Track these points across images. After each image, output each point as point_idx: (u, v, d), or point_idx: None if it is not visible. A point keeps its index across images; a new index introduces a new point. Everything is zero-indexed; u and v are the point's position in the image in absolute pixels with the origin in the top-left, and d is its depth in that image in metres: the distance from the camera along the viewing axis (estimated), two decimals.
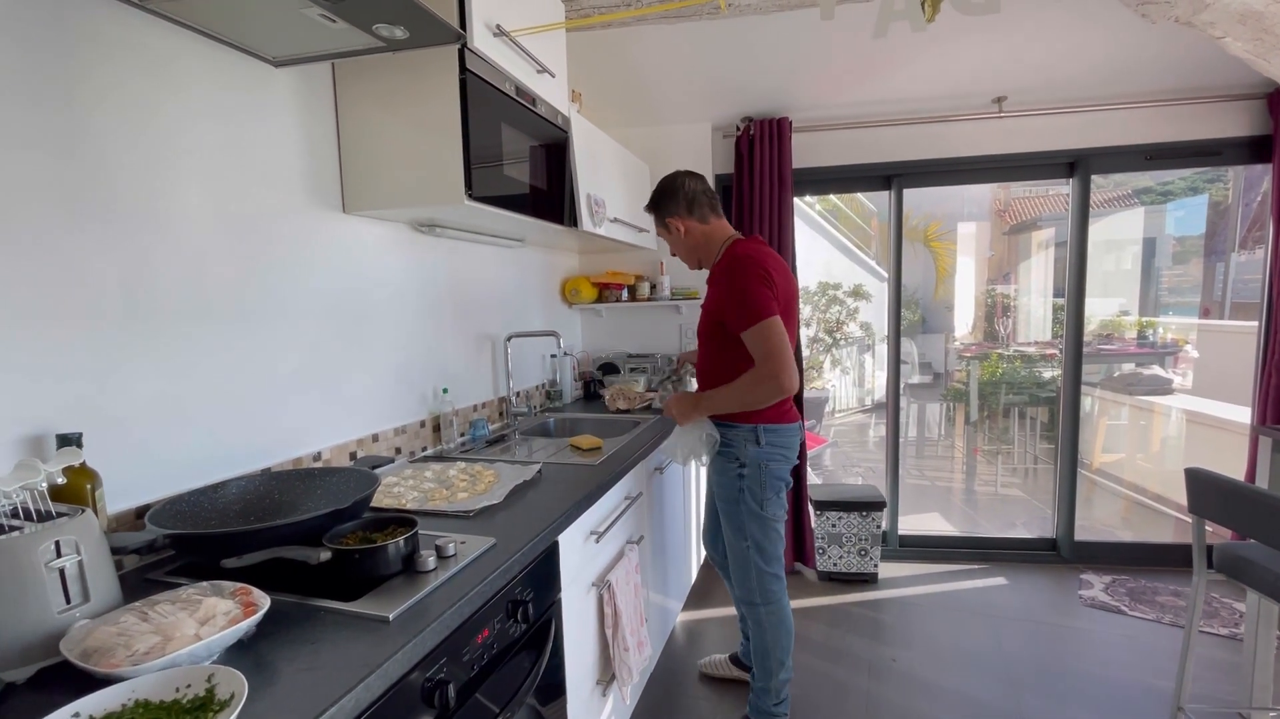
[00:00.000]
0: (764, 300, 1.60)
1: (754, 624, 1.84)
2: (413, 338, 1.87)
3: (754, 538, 1.77)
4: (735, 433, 1.75)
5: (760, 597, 1.80)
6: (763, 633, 1.82)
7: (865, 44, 2.37)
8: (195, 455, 1.23)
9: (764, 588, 1.80)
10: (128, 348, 1.11)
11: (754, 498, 1.74)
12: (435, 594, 0.97)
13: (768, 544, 1.77)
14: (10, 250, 0.95)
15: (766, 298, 1.60)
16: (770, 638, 1.81)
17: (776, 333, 1.58)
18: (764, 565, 1.79)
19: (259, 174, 1.37)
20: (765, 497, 1.74)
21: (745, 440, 1.74)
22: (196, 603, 0.83)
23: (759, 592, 1.80)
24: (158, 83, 1.16)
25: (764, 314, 1.59)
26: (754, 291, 1.61)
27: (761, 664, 1.85)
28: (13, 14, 0.95)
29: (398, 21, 1.19)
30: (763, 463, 1.73)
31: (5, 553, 0.75)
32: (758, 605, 1.81)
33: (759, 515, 1.75)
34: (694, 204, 1.80)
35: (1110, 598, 2.67)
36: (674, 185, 1.81)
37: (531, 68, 1.76)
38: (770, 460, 1.73)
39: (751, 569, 1.79)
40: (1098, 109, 2.67)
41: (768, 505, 1.74)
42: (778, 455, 1.74)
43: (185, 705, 0.68)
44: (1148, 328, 4.43)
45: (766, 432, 1.73)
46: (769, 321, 1.58)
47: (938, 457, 4.86)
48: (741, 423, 1.74)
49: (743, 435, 1.74)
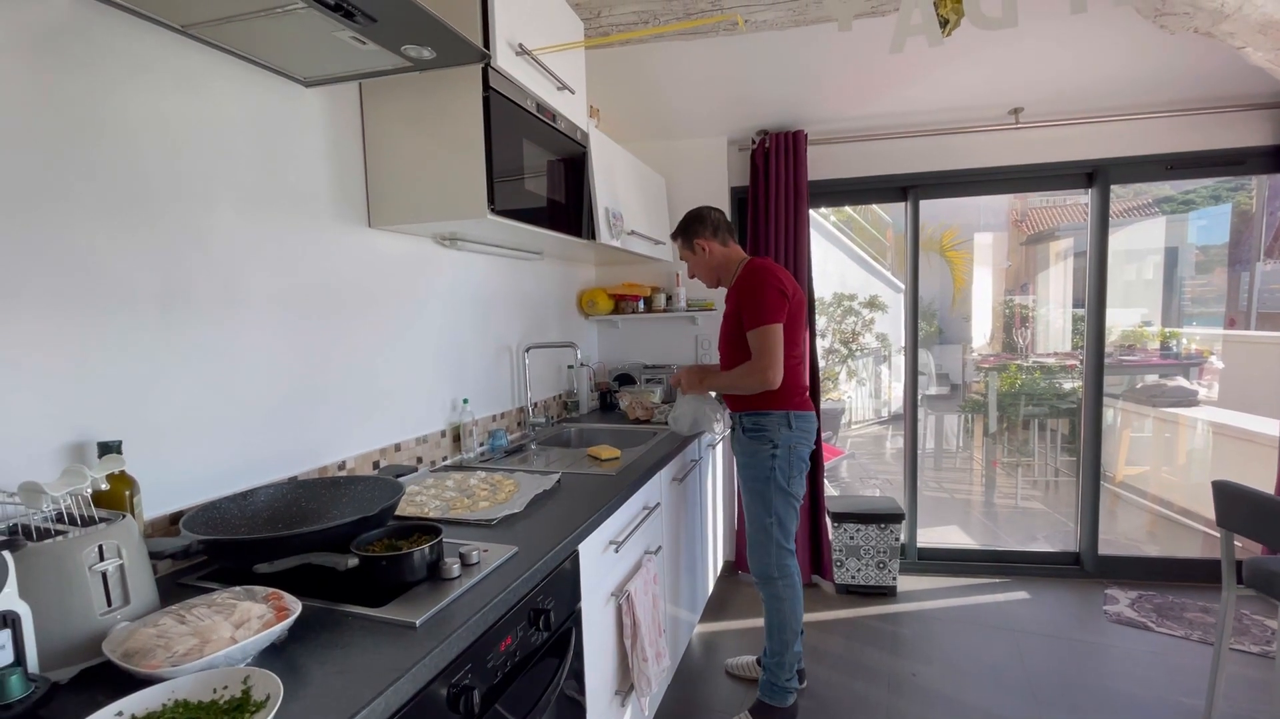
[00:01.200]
0: (774, 308, 1.87)
1: (770, 599, 2.00)
2: (435, 349, 1.91)
3: (779, 513, 1.96)
4: (769, 419, 1.95)
5: (778, 570, 1.97)
6: (780, 605, 1.98)
7: (881, 57, 2.39)
8: (225, 464, 1.27)
9: (781, 562, 1.97)
10: (163, 359, 1.15)
11: (784, 475, 1.94)
12: (460, 601, 0.99)
13: (788, 520, 1.97)
14: (59, 264, 0.99)
15: (777, 306, 1.87)
16: (788, 610, 1.98)
17: (776, 337, 1.86)
18: (783, 541, 1.97)
19: (288, 190, 1.41)
20: (792, 475, 1.96)
21: (779, 424, 1.94)
22: (231, 607, 0.85)
23: (776, 566, 1.97)
24: (197, 101, 1.20)
25: (770, 319, 1.86)
26: (768, 299, 1.87)
27: (777, 637, 1.99)
28: (63, 40, 1.00)
29: (426, 43, 1.22)
30: (792, 445, 1.95)
31: (52, 556, 0.78)
32: (775, 580, 1.98)
33: (786, 492, 1.95)
34: (717, 229, 2.05)
35: (1136, 613, 2.62)
36: (702, 214, 2.06)
37: (552, 85, 1.80)
38: (798, 443, 1.96)
39: (772, 544, 1.97)
40: (1117, 119, 2.66)
41: (794, 483, 1.96)
42: (803, 439, 1.97)
43: (223, 706, 0.70)
44: (1171, 338, 4.36)
45: (796, 418, 1.95)
46: (773, 327, 1.86)
47: (956, 469, 4.80)
48: (775, 409, 1.95)
49: (776, 420, 1.95)
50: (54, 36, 0.99)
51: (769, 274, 1.90)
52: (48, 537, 0.81)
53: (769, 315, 1.85)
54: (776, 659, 1.99)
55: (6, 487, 0.89)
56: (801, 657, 2.16)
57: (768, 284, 1.87)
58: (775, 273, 1.91)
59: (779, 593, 1.98)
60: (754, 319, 1.87)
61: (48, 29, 0.98)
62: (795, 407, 1.96)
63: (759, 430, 1.96)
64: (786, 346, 1.90)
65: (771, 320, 1.85)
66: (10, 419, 0.93)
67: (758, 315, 1.86)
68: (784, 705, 1.98)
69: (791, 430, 1.94)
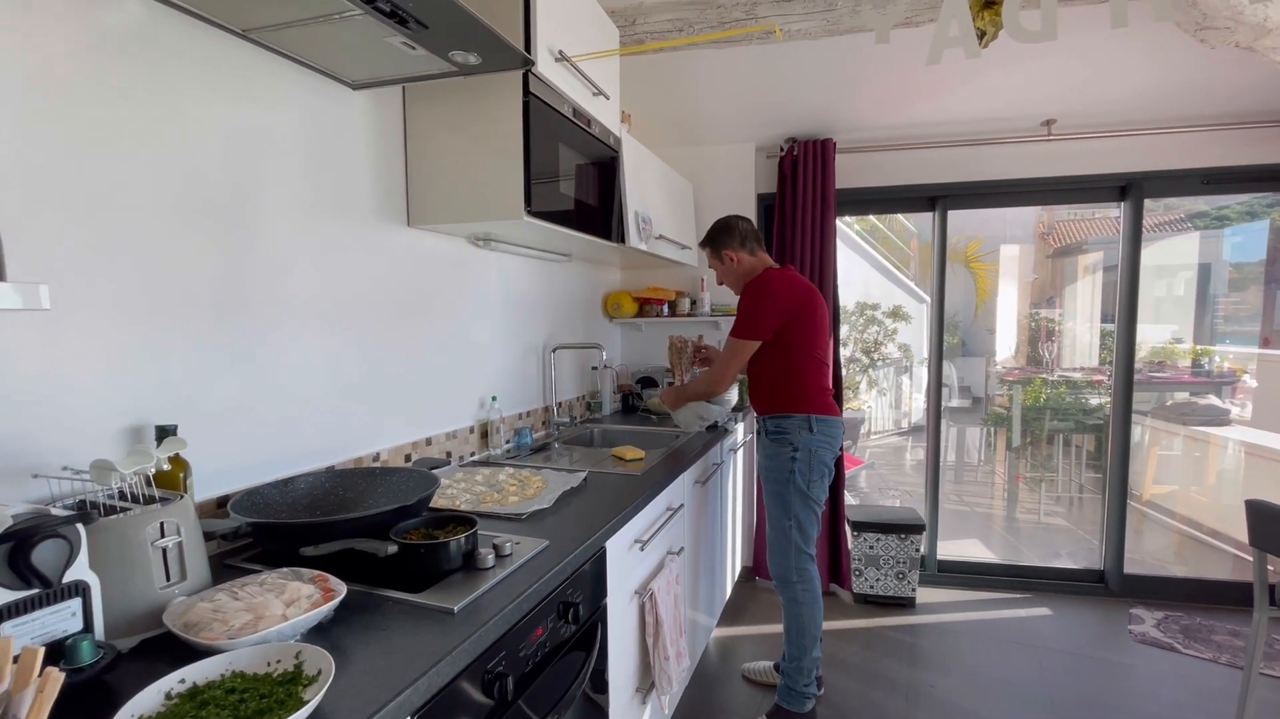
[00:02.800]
0: (759, 325, 1.93)
1: (789, 602, 2.01)
2: (467, 347, 1.95)
3: (798, 516, 1.96)
4: (790, 421, 1.97)
5: (797, 574, 1.98)
6: (799, 609, 1.99)
7: (914, 67, 2.39)
8: (267, 452, 1.31)
9: (800, 565, 1.98)
10: (216, 349, 1.20)
11: (803, 478, 1.95)
12: (494, 590, 1.02)
13: (807, 524, 1.97)
14: (124, 258, 1.04)
15: (759, 324, 1.93)
16: (806, 613, 1.98)
17: (740, 355, 1.97)
18: (803, 544, 1.98)
19: (334, 189, 1.46)
20: (812, 479, 1.95)
21: (799, 428, 1.95)
22: (281, 586, 0.89)
23: (795, 569, 1.98)
24: (252, 103, 1.25)
25: (745, 334, 1.94)
26: (756, 314, 1.93)
27: (796, 642, 2.00)
28: (136, 44, 1.05)
29: (472, 48, 1.26)
30: (813, 448, 1.95)
31: (118, 531, 0.83)
32: (794, 583, 1.99)
33: (806, 495, 1.95)
34: (745, 239, 2.09)
35: (1163, 634, 2.57)
36: (730, 224, 2.10)
37: (588, 90, 1.84)
38: (820, 447, 1.96)
39: (791, 547, 1.98)
40: (1152, 132, 2.63)
41: (814, 487, 1.96)
42: (825, 443, 1.97)
43: (276, 679, 0.73)
44: (1203, 356, 4.27)
45: (818, 421, 1.96)
46: (745, 343, 1.95)
47: (977, 482, 4.75)
48: (795, 413, 1.96)
49: (797, 423, 1.96)
50: (129, 40, 1.04)
51: (765, 289, 1.93)
52: (113, 513, 0.85)
53: (747, 329, 1.93)
54: (795, 664, 1.99)
55: (73, 464, 0.94)
56: (820, 663, 2.16)
57: (764, 300, 1.92)
58: (773, 286, 1.93)
59: (797, 596, 1.99)
60: (734, 327, 1.97)
61: (123, 33, 1.03)
62: (818, 410, 1.97)
63: (780, 433, 1.99)
64: (805, 352, 1.96)
65: (746, 335, 1.93)
66: (76, 402, 0.98)
67: (737, 325, 1.96)
68: (801, 711, 1.98)
69: (813, 434, 1.95)
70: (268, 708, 0.67)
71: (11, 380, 0.90)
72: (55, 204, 0.95)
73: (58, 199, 0.95)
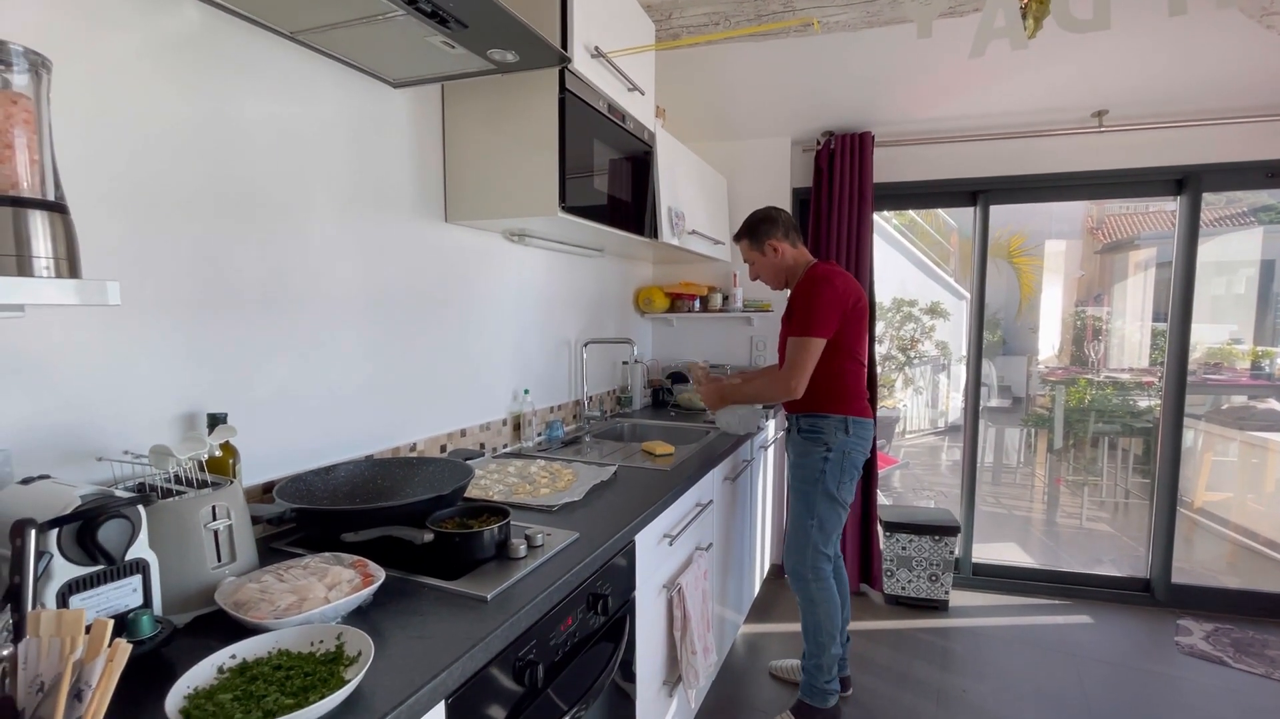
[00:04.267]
0: (823, 321, 1.84)
1: (805, 601, 2.00)
2: (500, 340, 1.98)
3: (821, 515, 1.95)
4: (826, 422, 1.94)
5: (812, 573, 1.97)
6: (814, 608, 1.98)
7: (956, 59, 2.33)
8: (310, 440, 1.36)
9: (816, 565, 1.96)
10: (262, 340, 1.25)
11: (833, 480, 1.93)
12: (526, 580, 1.04)
13: (830, 524, 1.96)
14: (177, 253, 1.09)
15: (826, 320, 1.85)
16: (822, 612, 1.97)
17: (812, 352, 1.85)
18: (822, 545, 1.96)
19: (375, 186, 1.50)
20: (842, 480, 1.94)
21: (835, 429, 1.93)
22: (324, 570, 0.92)
23: (811, 568, 1.96)
24: (299, 103, 1.30)
25: (814, 332, 1.84)
26: (819, 311, 1.84)
27: (814, 640, 1.99)
28: (192, 47, 1.10)
29: (510, 46, 1.28)
30: (847, 450, 1.93)
31: (174, 512, 0.87)
32: (809, 582, 1.97)
33: (833, 496, 1.94)
34: (788, 231, 2.02)
35: (1211, 647, 2.47)
36: (771, 214, 2.03)
37: (623, 86, 1.84)
38: (853, 449, 1.94)
39: (809, 546, 1.96)
40: (1211, 123, 2.51)
41: (842, 489, 1.94)
42: (859, 445, 1.95)
43: (319, 658, 0.76)
44: (1263, 358, 4.06)
45: (854, 423, 1.94)
46: (814, 340, 1.84)
47: (1016, 484, 4.62)
48: (833, 413, 1.93)
49: (833, 424, 1.93)
50: (185, 44, 1.09)
51: (829, 284, 1.86)
52: (169, 495, 0.90)
53: (815, 328, 1.84)
54: (814, 662, 1.99)
55: (133, 448, 1.00)
56: (846, 663, 2.15)
57: (824, 295, 1.85)
58: (836, 283, 1.87)
59: (812, 595, 1.97)
60: (800, 327, 1.86)
61: (180, 37, 1.08)
62: (854, 412, 1.94)
63: (815, 432, 1.96)
64: (846, 353, 1.91)
65: (815, 333, 1.84)
66: (136, 391, 1.04)
67: (804, 324, 1.85)
68: (824, 707, 1.98)
69: (848, 435, 1.93)
70: (311, 685, 0.70)
71: (79, 371, 0.96)
72: (115, 201, 1.00)
73: (117, 197, 1.00)
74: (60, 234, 0.69)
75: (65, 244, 0.70)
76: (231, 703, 0.66)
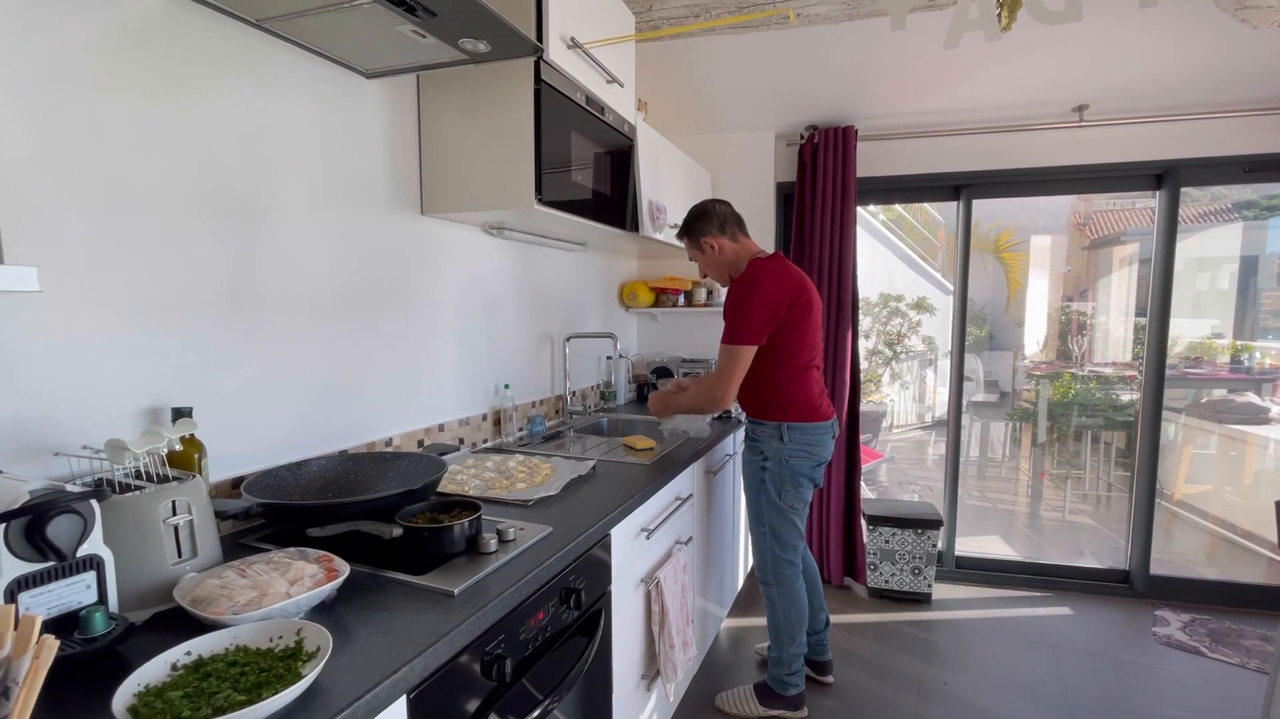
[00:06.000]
0: (751, 327, 1.76)
1: (768, 602, 2.02)
2: (480, 335, 1.97)
3: (771, 525, 1.92)
4: (762, 429, 1.91)
5: (774, 578, 1.97)
6: (774, 610, 2.01)
7: (936, 52, 2.33)
8: (282, 435, 1.35)
9: (778, 571, 1.96)
10: (231, 335, 1.23)
11: (774, 488, 1.89)
12: (496, 574, 1.03)
13: (784, 532, 1.92)
14: (141, 247, 1.07)
15: (755, 326, 1.76)
16: (782, 615, 1.99)
17: (740, 360, 1.78)
18: (779, 551, 1.94)
19: (348, 177, 1.48)
20: (784, 489, 1.88)
21: (770, 436, 1.88)
22: (287, 565, 0.91)
23: (773, 573, 1.97)
24: (266, 92, 1.28)
25: (741, 339, 1.77)
26: (748, 315, 1.76)
27: (775, 638, 2.03)
28: (153, 36, 1.08)
29: (481, 36, 1.27)
30: (785, 458, 1.86)
31: (132, 508, 0.86)
32: (771, 586, 1.99)
33: (776, 505, 1.90)
34: (725, 224, 1.91)
35: (1188, 637, 2.50)
36: (706, 209, 1.92)
37: (601, 78, 1.83)
38: (792, 456, 1.86)
39: (768, 553, 1.96)
40: (1190, 118, 2.52)
41: (785, 496, 1.89)
42: (800, 452, 1.87)
43: (278, 654, 0.75)
44: (1243, 352, 4.11)
45: (790, 429, 1.86)
46: (740, 349, 1.77)
47: (1000, 478, 4.65)
48: (767, 420, 1.89)
49: (768, 432, 1.89)
50: (146, 32, 1.06)
51: (756, 287, 1.75)
52: (128, 490, 0.88)
53: (742, 334, 1.75)
54: (776, 654, 2.04)
55: (93, 443, 0.98)
56: (827, 648, 2.22)
57: (752, 300, 1.74)
58: (766, 281, 1.75)
59: (773, 598, 1.99)
60: (727, 334, 1.79)
61: (141, 25, 1.06)
62: (792, 418, 1.84)
63: (753, 440, 1.94)
64: (787, 357, 1.81)
65: (742, 341, 1.76)
66: (99, 385, 1.02)
67: (731, 331, 1.78)
68: (784, 695, 2.03)
69: (783, 443, 1.85)
70: (266, 681, 0.69)
71: (37, 365, 0.94)
72: (73, 193, 0.98)
73: (75, 188, 0.98)
74: None
75: None
76: (181, 700, 0.65)
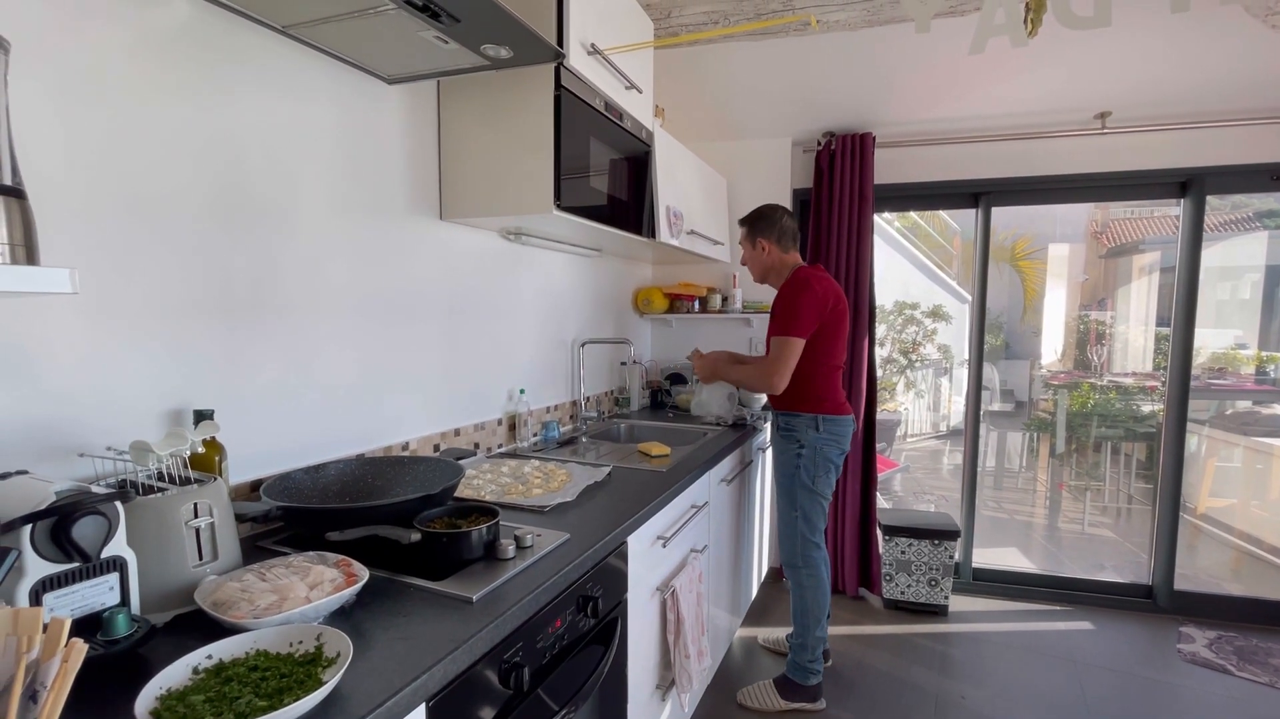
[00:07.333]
0: (804, 322, 1.96)
1: (795, 585, 2.12)
2: (496, 340, 1.97)
3: (803, 508, 2.07)
4: (798, 420, 2.07)
5: (802, 560, 2.09)
6: (803, 593, 2.10)
7: (958, 58, 2.31)
8: (300, 439, 1.35)
9: (806, 553, 2.08)
10: (252, 338, 1.23)
11: (807, 474, 2.05)
12: (514, 581, 1.02)
13: (813, 515, 2.08)
14: (167, 250, 1.08)
15: (806, 322, 1.96)
16: (810, 597, 2.09)
17: (793, 350, 1.97)
18: (809, 534, 2.08)
19: (369, 182, 1.49)
20: (817, 474, 2.05)
21: (807, 427, 2.05)
22: (306, 569, 0.91)
23: (801, 556, 2.09)
24: (291, 99, 1.29)
25: (794, 332, 1.96)
26: (800, 313, 1.96)
27: (800, 622, 2.10)
28: (182, 42, 1.09)
29: (504, 42, 1.27)
30: (819, 446, 2.04)
31: (155, 509, 0.86)
32: (799, 568, 2.10)
33: (810, 488, 2.06)
34: (782, 235, 2.12)
35: (1214, 655, 2.44)
36: (774, 214, 2.14)
37: (620, 84, 1.83)
38: (825, 445, 2.05)
39: (797, 536, 2.09)
40: (1216, 125, 2.48)
41: (818, 481, 2.06)
42: (831, 441, 2.06)
43: (298, 659, 0.75)
44: (1268, 363, 4.03)
45: (825, 421, 2.05)
46: (794, 340, 1.97)
47: (1018, 489, 4.59)
48: (804, 412, 2.06)
49: (805, 422, 2.06)
50: (175, 38, 1.08)
51: (810, 288, 1.97)
52: (150, 492, 0.89)
53: (795, 328, 1.96)
54: (800, 641, 2.10)
55: (116, 445, 0.98)
56: (826, 639, 2.21)
57: (805, 298, 1.95)
58: (817, 287, 1.97)
59: (802, 581, 2.10)
60: (780, 327, 1.98)
61: (170, 31, 1.07)
62: (825, 410, 2.05)
63: (789, 430, 2.09)
64: (823, 356, 2.02)
65: (795, 333, 1.96)
66: (123, 387, 1.02)
67: (785, 324, 1.97)
68: (806, 684, 2.08)
69: (819, 433, 2.04)
70: (287, 687, 0.68)
71: (63, 366, 0.95)
72: (103, 195, 0.99)
73: (105, 190, 0.99)
74: (17, 220, 0.68)
75: (22, 230, 0.68)
76: (203, 704, 0.65)
